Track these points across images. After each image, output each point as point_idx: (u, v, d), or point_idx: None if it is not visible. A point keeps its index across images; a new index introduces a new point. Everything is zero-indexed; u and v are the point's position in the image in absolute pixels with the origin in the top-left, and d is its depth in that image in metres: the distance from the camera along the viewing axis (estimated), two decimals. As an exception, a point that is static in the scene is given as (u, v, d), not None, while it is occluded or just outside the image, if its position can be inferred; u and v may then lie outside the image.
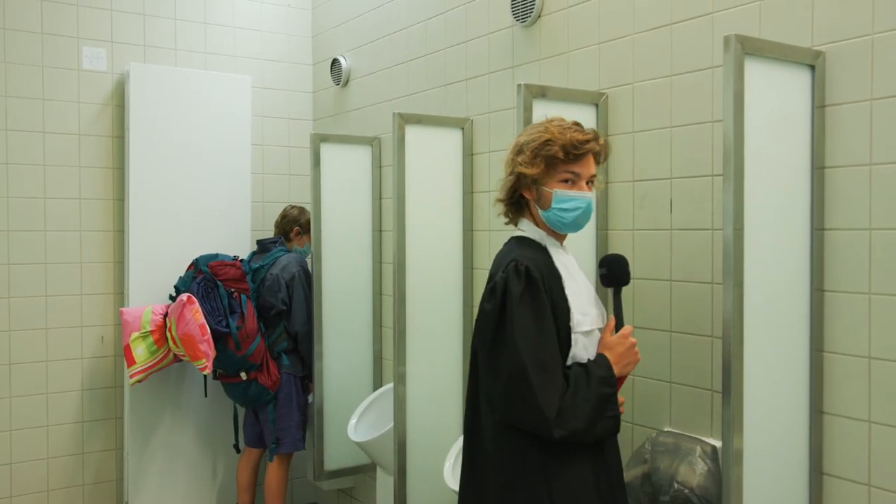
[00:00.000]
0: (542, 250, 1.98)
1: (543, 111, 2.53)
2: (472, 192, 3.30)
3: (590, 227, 2.64)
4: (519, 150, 1.99)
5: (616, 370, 1.95)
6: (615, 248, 2.67)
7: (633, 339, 2.01)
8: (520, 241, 2.00)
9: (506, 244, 2.03)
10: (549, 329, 1.84)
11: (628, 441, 2.62)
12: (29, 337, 3.91)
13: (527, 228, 2.03)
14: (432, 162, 3.22)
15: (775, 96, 2.03)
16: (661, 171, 2.52)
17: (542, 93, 2.54)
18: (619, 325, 2.04)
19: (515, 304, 1.82)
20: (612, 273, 2.12)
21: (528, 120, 2.49)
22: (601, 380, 1.89)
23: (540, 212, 2.00)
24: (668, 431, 2.46)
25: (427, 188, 3.18)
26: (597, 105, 2.69)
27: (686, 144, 2.44)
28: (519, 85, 2.49)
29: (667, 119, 2.50)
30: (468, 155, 3.30)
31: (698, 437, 2.37)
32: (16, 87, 3.87)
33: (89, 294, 4.03)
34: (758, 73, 1.97)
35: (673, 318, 2.48)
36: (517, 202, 2.02)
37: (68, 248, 3.98)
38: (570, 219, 1.97)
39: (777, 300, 2.04)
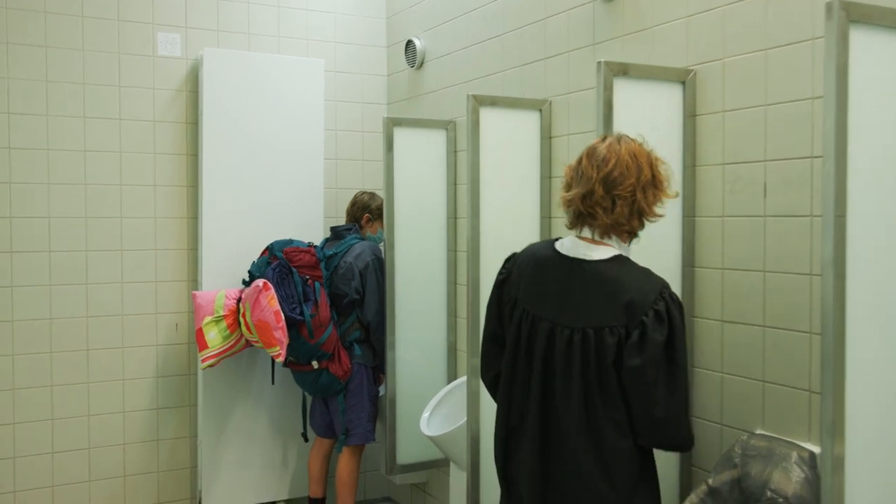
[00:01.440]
0: None
1: (625, 90, 2.46)
2: (550, 177, 3.26)
3: (674, 214, 2.58)
4: (654, 183, 2.07)
5: None
6: (703, 236, 2.60)
7: None
8: (634, 263, 2.09)
9: (627, 264, 2.06)
10: None
11: (715, 443, 2.55)
12: (105, 323, 4.00)
13: (623, 251, 2.10)
14: (508, 145, 3.18)
15: (885, 68, 1.88)
16: (754, 153, 2.43)
17: (624, 70, 2.48)
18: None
19: (681, 334, 1.99)
20: None
21: (608, 100, 2.45)
22: None
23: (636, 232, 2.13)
24: (760, 434, 2.38)
25: (503, 173, 3.15)
26: (683, 83, 2.61)
27: (782, 124, 2.35)
28: (599, 62, 2.44)
29: (761, 96, 2.40)
30: (546, 138, 3.25)
31: (794, 441, 2.29)
32: (93, 75, 3.94)
33: (164, 281, 4.10)
34: (864, 43, 1.84)
35: (767, 311, 2.40)
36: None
37: (143, 235, 4.05)
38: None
39: (883, 292, 1.92)
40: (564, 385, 2.02)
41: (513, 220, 3.20)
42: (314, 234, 4.20)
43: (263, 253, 3.91)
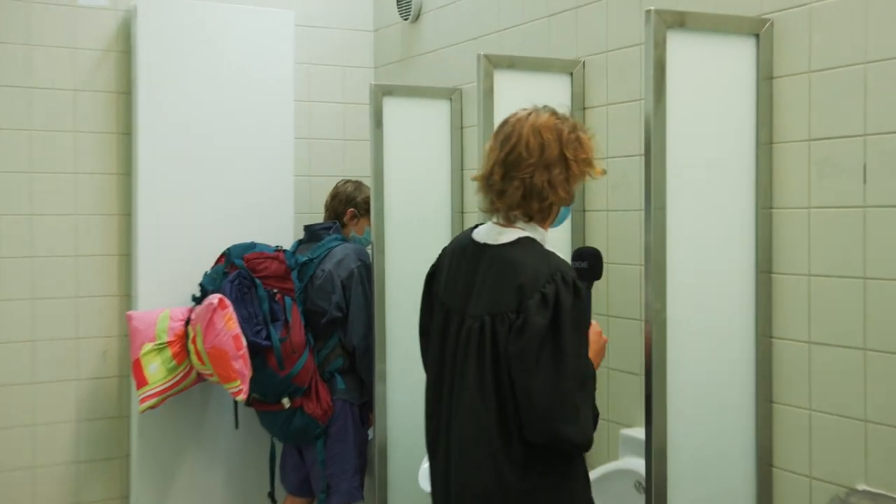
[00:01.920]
0: None
1: (681, 47, 2.46)
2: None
3: (744, 206, 2.60)
4: (577, 144, 2.34)
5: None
6: (783, 234, 2.60)
7: (605, 338, 2.47)
8: (538, 245, 2.35)
9: (528, 247, 2.32)
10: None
11: (803, 501, 2.55)
12: (10, 352, 3.98)
13: (533, 233, 2.36)
14: None
15: None
16: (851, 125, 2.42)
17: (680, 21, 2.48)
18: (588, 321, 2.37)
19: (571, 319, 2.23)
20: (593, 268, 2.55)
21: (660, 60, 2.45)
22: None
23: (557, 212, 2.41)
24: (863, 491, 2.38)
25: None
26: (757, 35, 2.59)
27: (888, 87, 2.33)
28: (648, 11, 2.43)
29: (859, 52, 2.40)
30: (579, 108, 3.25)
31: (908, 499, 2.29)
32: (-5, 31, 3.96)
33: (88, 296, 4.08)
34: None
35: (869, 330, 2.40)
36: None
37: (60, 237, 4.04)
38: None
39: None
40: (470, 373, 2.29)
41: None
42: (283, 234, 4.20)
43: (219, 260, 3.91)
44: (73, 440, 4.08)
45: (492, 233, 2.37)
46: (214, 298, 3.63)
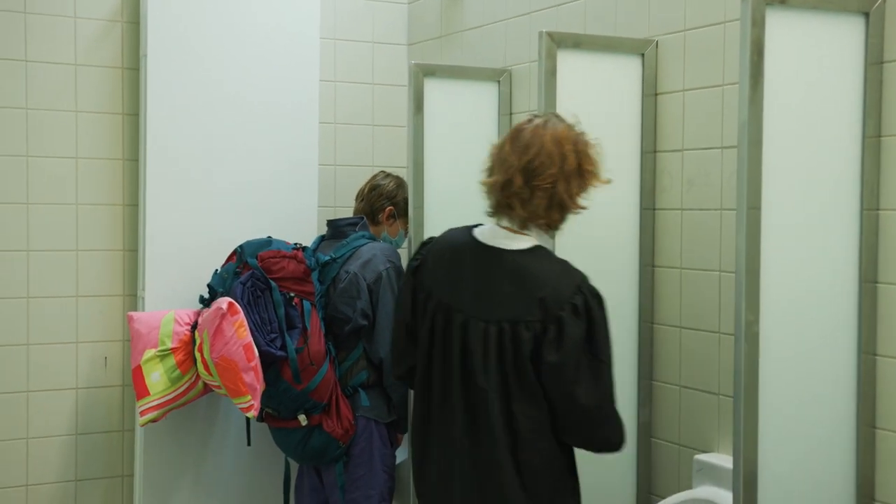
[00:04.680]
0: None
1: (782, 26, 2.43)
2: (655, 152, 3.27)
3: (848, 206, 2.59)
4: (580, 172, 2.64)
5: None
6: (892, 236, 2.58)
7: None
8: (553, 255, 2.73)
9: (544, 256, 2.67)
10: None
11: None
12: (2, 356, 3.99)
13: (544, 242, 2.71)
14: (596, 106, 3.17)
15: None
16: None
17: (782, -5, 2.44)
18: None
19: (602, 328, 2.62)
20: None
21: (757, 41, 2.41)
22: None
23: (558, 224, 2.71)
24: None
25: None
26: (867, 14, 2.57)
27: None
28: (742, -18, 2.42)
29: None
30: (650, 95, 3.26)
31: None
32: (-14, -3, 3.97)
33: (89, 296, 4.09)
34: None
35: None
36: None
37: (59, 230, 4.05)
38: None
39: None
40: (485, 377, 2.60)
41: (602, 213, 3.14)
42: (304, 230, 4.19)
43: (231, 258, 3.89)
44: (69, 456, 4.09)
45: (500, 237, 2.67)
46: (224, 303, 3.61)
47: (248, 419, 3.92)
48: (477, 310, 2.64)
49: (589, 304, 2.57)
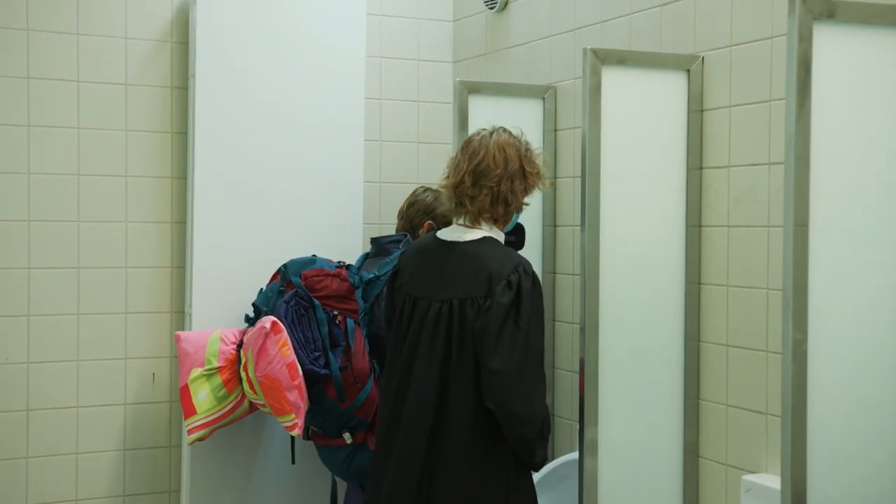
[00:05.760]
0: None
1: (830, 40, 2.40)
2: (702, 169, 3.26)
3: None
4: (531, 160, 3.09)
5: None
6: None
7: None
8: (499, 243, 3.10)
9: (492, 244, 3.05)
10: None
11: None
12: (53, 372, 4.01)
13: (495, 234, 3.09)
14: (641, 121, 3.20)
15: None
16: None
17: (829, 11, 2.40)
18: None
19: (529, 302, 2.95)
20: (520, 242, 3.28)
21: (804, 56, 2.38)
22: None
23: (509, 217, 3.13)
24: None
25: (632, 162, 3.19)
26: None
27: None
28: (792, 0, 2.36)
29: None
30: (696, 111, 3.24)
31: None
32: (41, 19, 3.99)
33: (137, 312, 4.12)
34: None
35: None
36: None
37: (109, 247, 4.07)
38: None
39: None
40: (429, 349, 2.99)
41: (647, 231, 3.22)
42: (349, 247, 4.20)
43: (275, 277, 3.90)
44: (118, 471, 4.11)
45: (457, 232, 3.08)
46: (267, 321, 3.62)
47: (292, 439, 3.92)
48: (434, 293, 3.03)
49: (522, 281, 2.93)
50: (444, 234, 3.14)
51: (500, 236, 3.09)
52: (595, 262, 3.09)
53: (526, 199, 3.10)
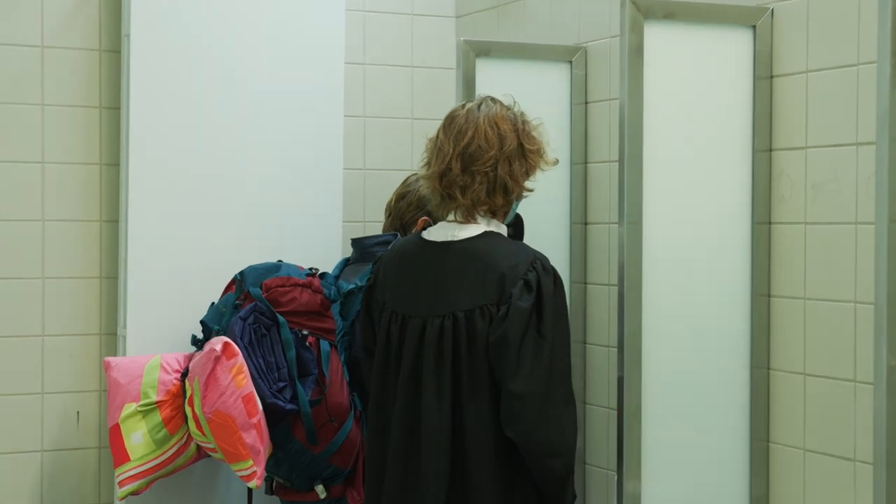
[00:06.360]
0: None
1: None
2: (771, 150, 3.26)
3: None
4: (523, 153, 3.15)
5: None
6: None
7: None
8: (505, 238, 3.20)
9: (497, 238, 3.14)
10: None
11: None
12: (-48, 410, 4.03)
13: (496, 228, 3.17)
14: (693, 91, 3.21)
15: None
16: None
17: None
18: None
19: (552, 305, 3.05)
20: (518, 233, 3.35)
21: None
22: None
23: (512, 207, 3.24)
24: None
25: (683, 143, 3.18)
26: None
27: None
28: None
29: None
30: (764, 77, 3.24)
31: None
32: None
33: (57, 335, 4.13)
34: None
35: None
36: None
37: (20, 252, 4.08)
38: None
39: None
40: (435, 379, 3.04)
41: (702, 231, 3.22)
42: (324, 251, 4.22)
43: (229, 288, 3.92)
44: (33, 536, 4.12)
45: (449, 230, 3.14)
46: (218, 343, 3.61)
47: (249, 493, 3.93)
48: (429, 308, 3.10)
49: (541, 280, 3.01)
50: (432, 234, 3.20)
51: (502, 229, 3.18)
52: (637, 270, 3.07)
53: (528, 184, 3.19)
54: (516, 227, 3.35)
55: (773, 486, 3.26)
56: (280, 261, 3.98)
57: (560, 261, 3.81)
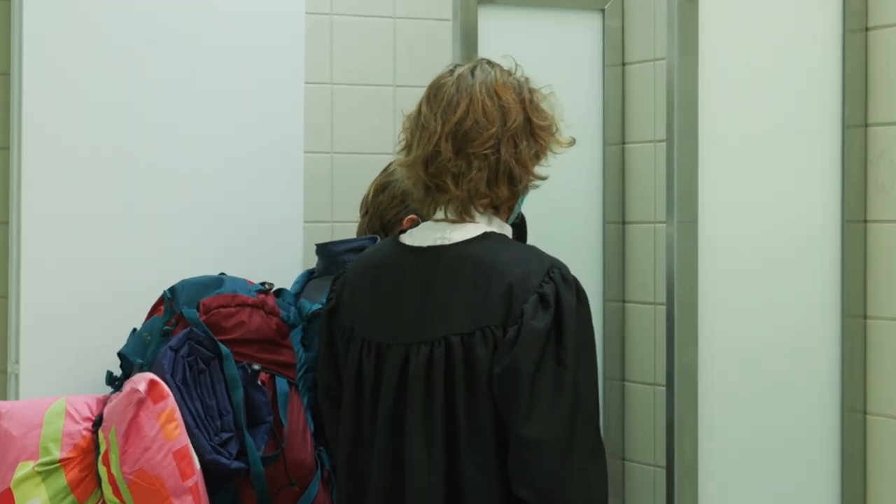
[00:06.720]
0: None
1: None
2: (866, 126, 3.30)
3: None
4: (532, 129, 3.06)
5: None
6: None
7: None
8: (511, 240, 3.15)
9: (501, 241, 3.07)
10: None
11: None
12: None
13: (498, 227, 3.10)
14: (766, 51, 3.25)
15: None
16: None
17: None
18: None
19: (573, 325, 2.94)
20: (522, 235, 3.37)
21: None
22: None
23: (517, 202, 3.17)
24: None
25: (750, 117, 3.22)
26: None
27: None
28: None
29: None
30: (856, 30, 3.29)
31: None
32: None
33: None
34: None
35: None
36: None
37: None
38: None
39: None
40: (423, 424, 2.95)
41: (775, 231, 3.27)
42: (280, 260, 4.24)
43: (156, 309, 3.93)
44: None
45: (438, 231, 3.05)
46: (142, 382, 3.60)
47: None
48: (413, 333, 3.01)
49: (561, 294, 2.90)
50: (414, 237, 3.13)
51: (505, 229, 3.12)
52: (691, 283, 3.11)
53: (538, 170, 3.10)
54: (517, 229, 3.30)
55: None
56: (223, 273, 4.00)
57: (589, 272, 3.89)
